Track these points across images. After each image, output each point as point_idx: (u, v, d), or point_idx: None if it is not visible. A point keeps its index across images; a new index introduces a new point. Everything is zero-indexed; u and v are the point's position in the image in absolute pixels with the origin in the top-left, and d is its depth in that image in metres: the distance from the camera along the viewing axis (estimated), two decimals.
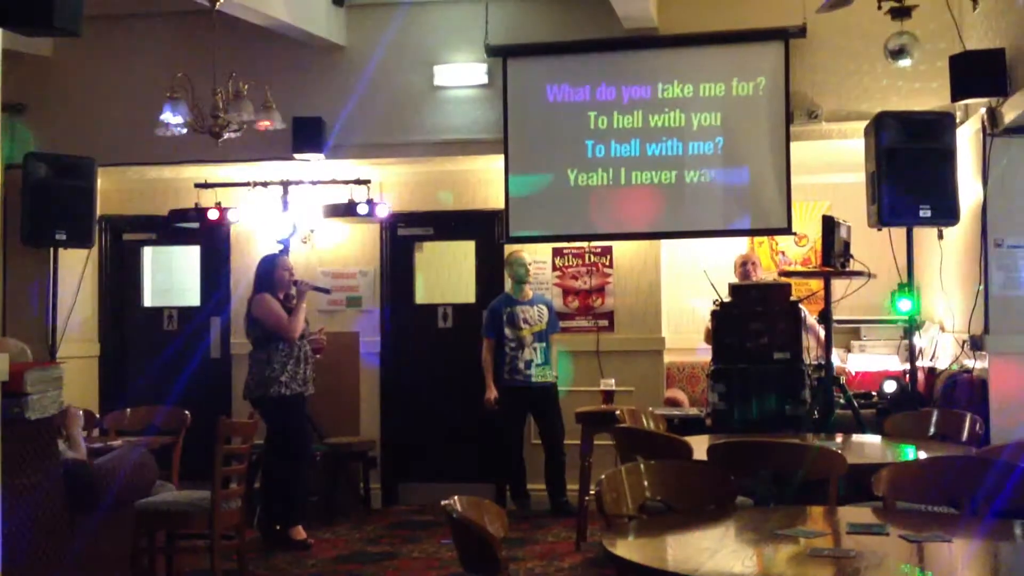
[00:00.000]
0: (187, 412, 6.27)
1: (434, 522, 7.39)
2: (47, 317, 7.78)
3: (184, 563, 5.88)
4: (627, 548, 2.80)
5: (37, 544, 4.43)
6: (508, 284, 7.75)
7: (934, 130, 6.39)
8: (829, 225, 6.01)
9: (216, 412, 6.46)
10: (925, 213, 6.28)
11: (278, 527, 6.67)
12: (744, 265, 7.35)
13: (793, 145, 7.41)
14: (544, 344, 7.60)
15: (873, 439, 5.18)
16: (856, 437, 5.27)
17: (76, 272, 8.19)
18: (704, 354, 7.14)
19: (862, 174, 6.84)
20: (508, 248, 7.86)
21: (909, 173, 6.26)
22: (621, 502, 3.22)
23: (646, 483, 3.36)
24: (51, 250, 7.67)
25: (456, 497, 2.79)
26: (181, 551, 5.74)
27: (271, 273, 6.83)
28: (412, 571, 6.05)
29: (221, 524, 5.30)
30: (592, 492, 6.45)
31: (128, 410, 6.51)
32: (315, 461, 7.28)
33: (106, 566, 4.98)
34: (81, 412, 5.35)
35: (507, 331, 7.57)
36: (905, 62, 6.65)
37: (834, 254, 5.96)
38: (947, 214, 6.35)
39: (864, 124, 6.75)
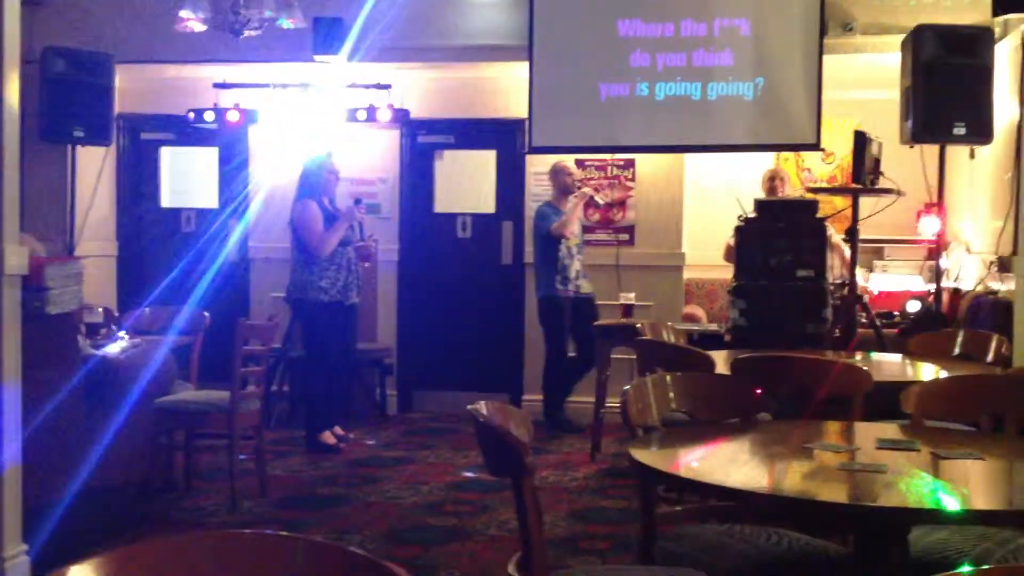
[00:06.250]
0: (206, 313, 6.25)
1: (449, 428, 7.44)
2: (64, 215, 7.74)
3: (202, 462, 5.94)
4: (653, 457, 2.78)
5: (57, 438, 4.46)
6: (552, 194, 7.55)
7: (972, 45, 6.21)
8: (861, 141, 5.89)
9: (234, 314, 6.46)
10: (959, 131, 6.13)
11: (305, 432, 6.71)
12: (772, 180, 7.23)
13: (824, 58, 7.22)
14: (583, 257, 7.51)
15: (894, 357, 5.14)
16: (876, 355, 5.22)
17: (94, 170, 8.14)
18: (723, 271, 7.07)
19: (892, 91, 6.68)
20: (555, 157, 7.65)
21: (945, 89, 6.10)
22: (646, 413, 3.19)
23: (672, 395, 3.33)
24: (69, 148, 7.60)
25: (482, 402, 2.75)
26: (199, 450, 5.79)
27: (318, 175, 6.64)
28: (427, 475, 6.09)
29: (240, 424, 5.33)
30: (608, 404, 6.48)
31: (147, 309, 6.49)
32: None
33: (125, 462, 5.03)
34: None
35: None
36: None
37: (864, 171, 5.84)
38: (981, 132, 6.21)
39: (899, 38, 6.56)
